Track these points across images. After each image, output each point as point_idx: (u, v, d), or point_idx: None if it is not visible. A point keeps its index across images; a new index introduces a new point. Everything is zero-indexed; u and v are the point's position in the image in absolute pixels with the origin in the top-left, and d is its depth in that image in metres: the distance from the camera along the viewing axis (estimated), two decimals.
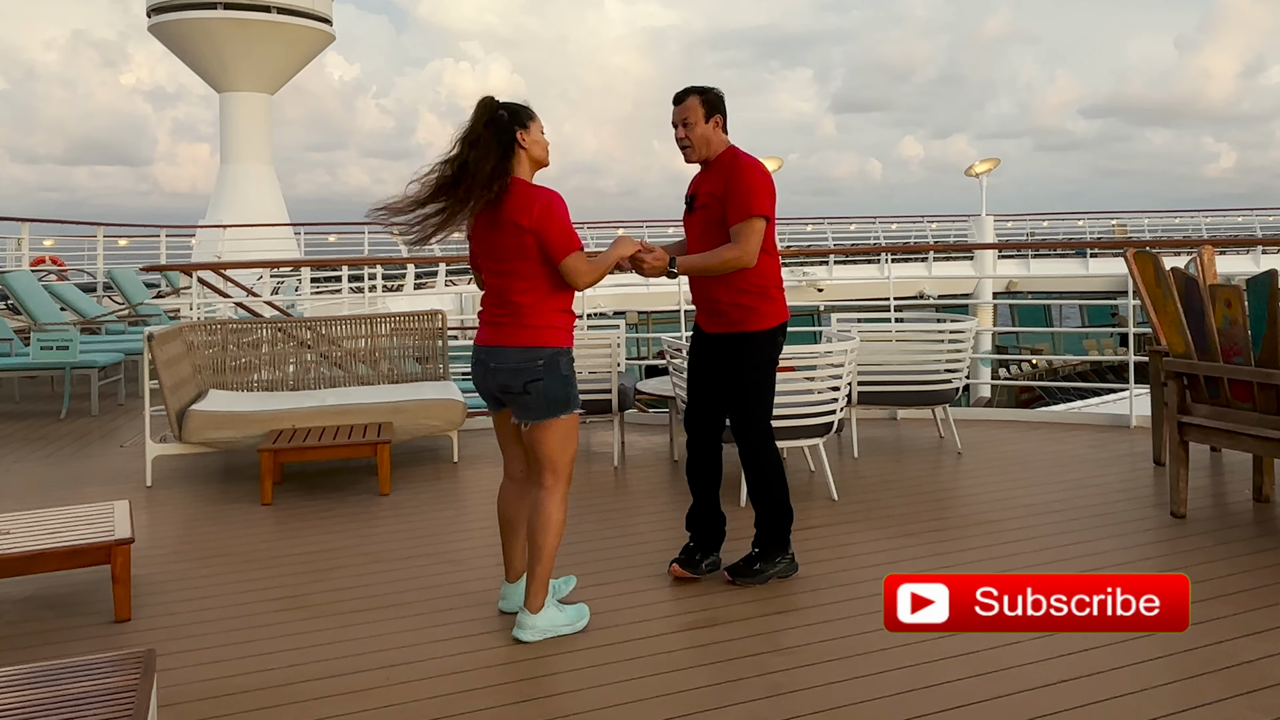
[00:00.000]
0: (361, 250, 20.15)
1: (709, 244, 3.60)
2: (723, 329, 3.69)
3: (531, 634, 3.20)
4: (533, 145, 3.21)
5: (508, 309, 3.19)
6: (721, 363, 3.72)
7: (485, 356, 3.23)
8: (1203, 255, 5.27)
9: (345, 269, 16.45)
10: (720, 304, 3.65)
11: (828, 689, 2.86)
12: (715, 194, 3.60)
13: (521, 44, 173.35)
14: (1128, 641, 3.12)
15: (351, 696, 2.87)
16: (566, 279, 3.16)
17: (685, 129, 3.61)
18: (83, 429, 7.28)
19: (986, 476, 5.34)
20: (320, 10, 20.62)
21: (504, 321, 3.20)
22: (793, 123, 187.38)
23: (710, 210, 3.62)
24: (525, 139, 3.19)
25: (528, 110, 3.24)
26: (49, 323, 9.35)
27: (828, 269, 21.97)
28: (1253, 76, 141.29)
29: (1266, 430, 4.14)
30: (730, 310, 3.64)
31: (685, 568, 3.76)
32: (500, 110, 3.18)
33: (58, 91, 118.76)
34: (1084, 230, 29.77)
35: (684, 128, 3.61)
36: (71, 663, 2.27)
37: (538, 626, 3.21)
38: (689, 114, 3.60)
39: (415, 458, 6.00)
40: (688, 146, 3.64)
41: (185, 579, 3.95)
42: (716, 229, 3.59)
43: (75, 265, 16.98)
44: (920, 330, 6.49)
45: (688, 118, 3.60)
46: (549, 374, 3.18)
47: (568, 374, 3.24)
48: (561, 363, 3.21)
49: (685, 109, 3.62)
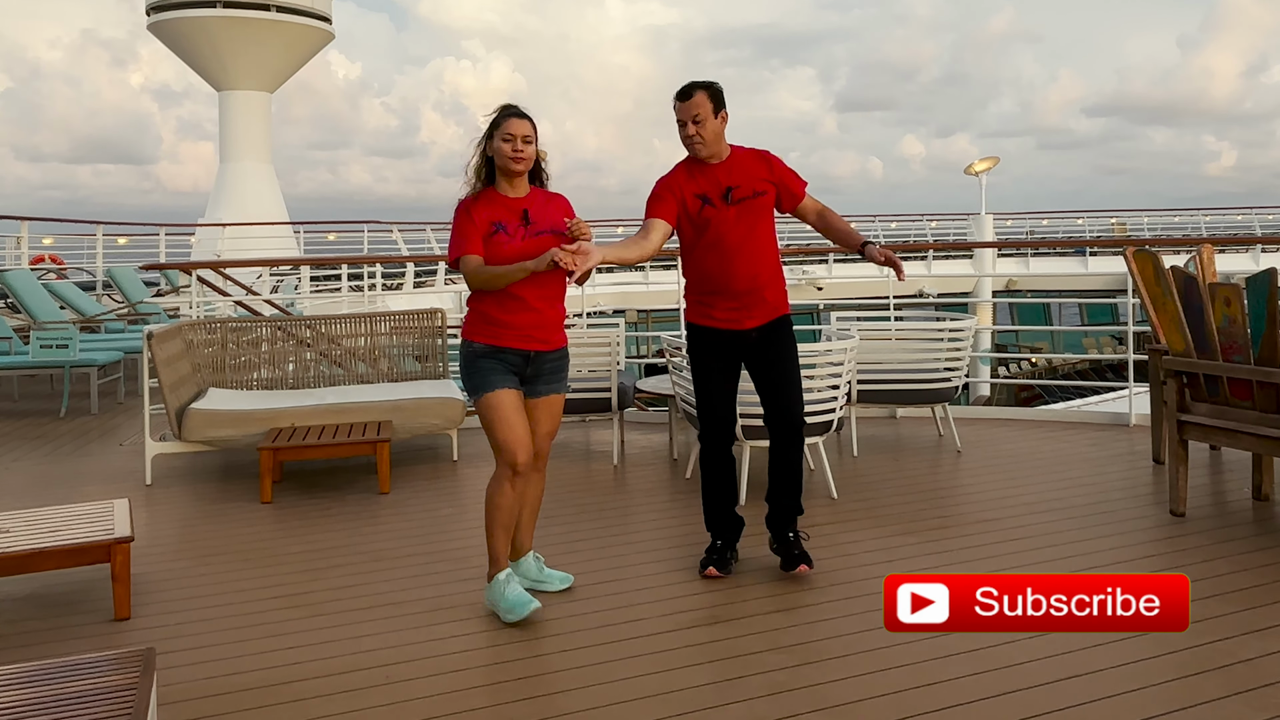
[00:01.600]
0: (361, 249, 20.13)
1: (763, 232, 3.66)
2: (767, 318, 3.70)
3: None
4: (495, 153, 3.42)
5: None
6: (761, 353, 3.72)
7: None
8: (1202, 254, 5.27)
9: (345, 267, 16.44)
10: (766, 294, 3.70)
11: (827, 688, 2.86)
12: (763, 179, 3.65)
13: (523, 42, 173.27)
14: (1127, 640, 3.13)
15: (351, 695, 2.88)
16: None
17: (696, 125, 3.56)
18: (82, 427, 7.28)
19: (986, 475, 5.34)
20: (319, 9, 20.60)
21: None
22: (793, 121, 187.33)
23: (764, 198, 3.64)
24: (489, 148, 3.43)
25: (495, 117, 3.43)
26: (48, 321, 9.35)
27: (827, 267, 21.96)
28: (1255, 76, 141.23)
29: (1266, 428, 4.14)
30: (775, 298, 3.73)
31: (721, 569, 3.80)
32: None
33: (64, 90, 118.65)
34: (1083, 229, 29.75)
35: (694, 124, 3.56)
36: (71, 661, 2.27)
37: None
38: (699, 110, 3.56)
39: (415, 456, 6.00)
40: (699, 142, 3.58)
41: (185, 577, 3.95)
42: (768, 216, 3.67)
43: (75, 264, 16.96)
44: (920, 329, 6.48)
45: (698, 114, 3.56)
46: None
47: (466, 366, 3.45)
48: (464, 354, 3.46)
49: (695, 105, 3.56)
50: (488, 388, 3.38)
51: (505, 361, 3.41)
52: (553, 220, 3.44)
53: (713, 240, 3.65)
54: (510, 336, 3.41)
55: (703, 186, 3.65)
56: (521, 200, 3.45)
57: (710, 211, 3.64)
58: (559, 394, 3.57)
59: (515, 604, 3.35)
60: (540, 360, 3.47)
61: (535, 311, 3.42)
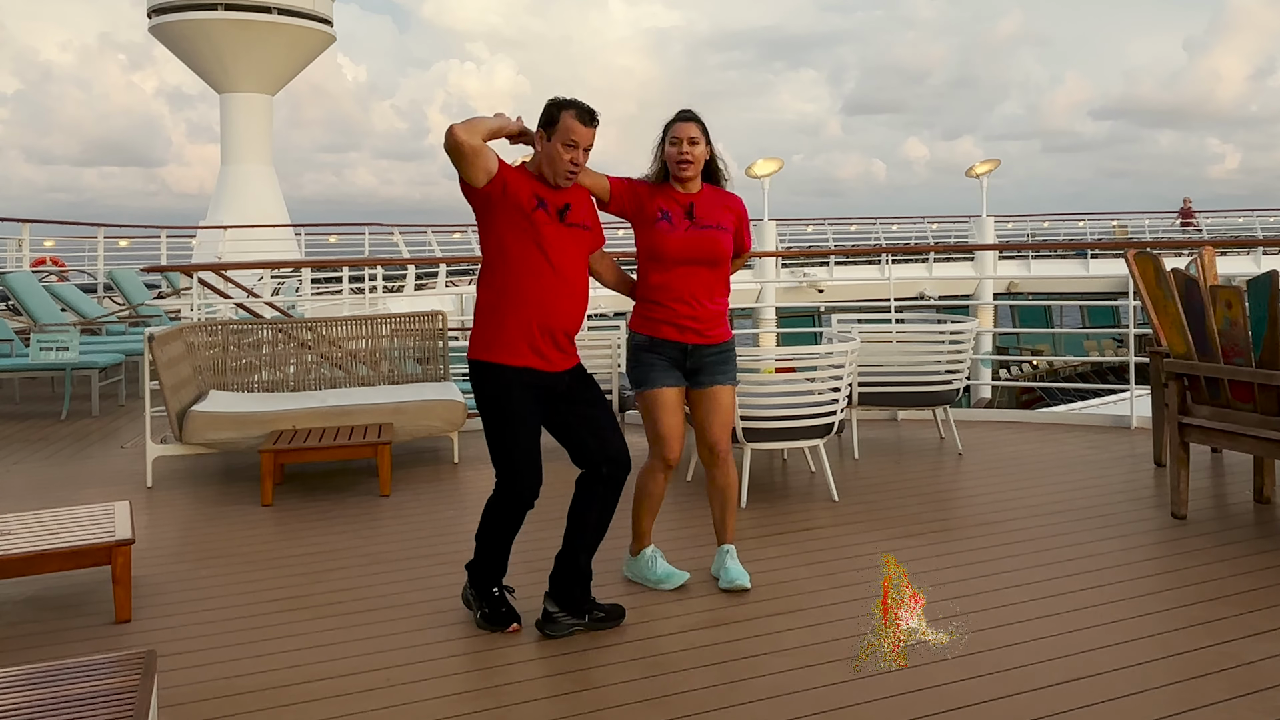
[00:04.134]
0: (362, 251, 20.14)
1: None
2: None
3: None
4: (666, 158, 3.57)
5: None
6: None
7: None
8: (1203, 256, 5.27)
9: (346, 270, 16.44)
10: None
11: (828, 690, 2.86)
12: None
13: (526, 45, 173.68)
14: (1128, 642, 3.13)
15: (352, 698, 2.88)
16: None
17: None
18: (83, 430, 7.28)
19: (987, 477, 5.34)
20: (320, 11, 20.62)
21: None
22: (796, 124, 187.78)
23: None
24: (663, 153, 3.58)
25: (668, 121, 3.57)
26: (49, 323, 9.34)
27: (828, 270, 21.96)
28: (1263, 79, 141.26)
29: (1267, 431, 4.14)
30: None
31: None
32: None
33: (75, 93, 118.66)
34: (1085, 231, 29.73)
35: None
36: (72, 664, 2.27)
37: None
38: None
39: (416, 459, 6.00)
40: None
41: (186, 580, 3.95)
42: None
43: (76, 266, 16.96)
44: (921, 331, 6.48)
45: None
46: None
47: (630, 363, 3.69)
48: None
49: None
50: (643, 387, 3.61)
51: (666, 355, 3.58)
52: (718, 217, 3.58)
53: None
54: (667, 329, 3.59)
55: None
56: (691, 195, 3.59)
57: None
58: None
59: (665, 576, 3.67)
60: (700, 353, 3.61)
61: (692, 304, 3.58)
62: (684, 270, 3.56)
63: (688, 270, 3.56)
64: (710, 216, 3.58)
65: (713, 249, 3.57)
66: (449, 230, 22.15)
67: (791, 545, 4.17)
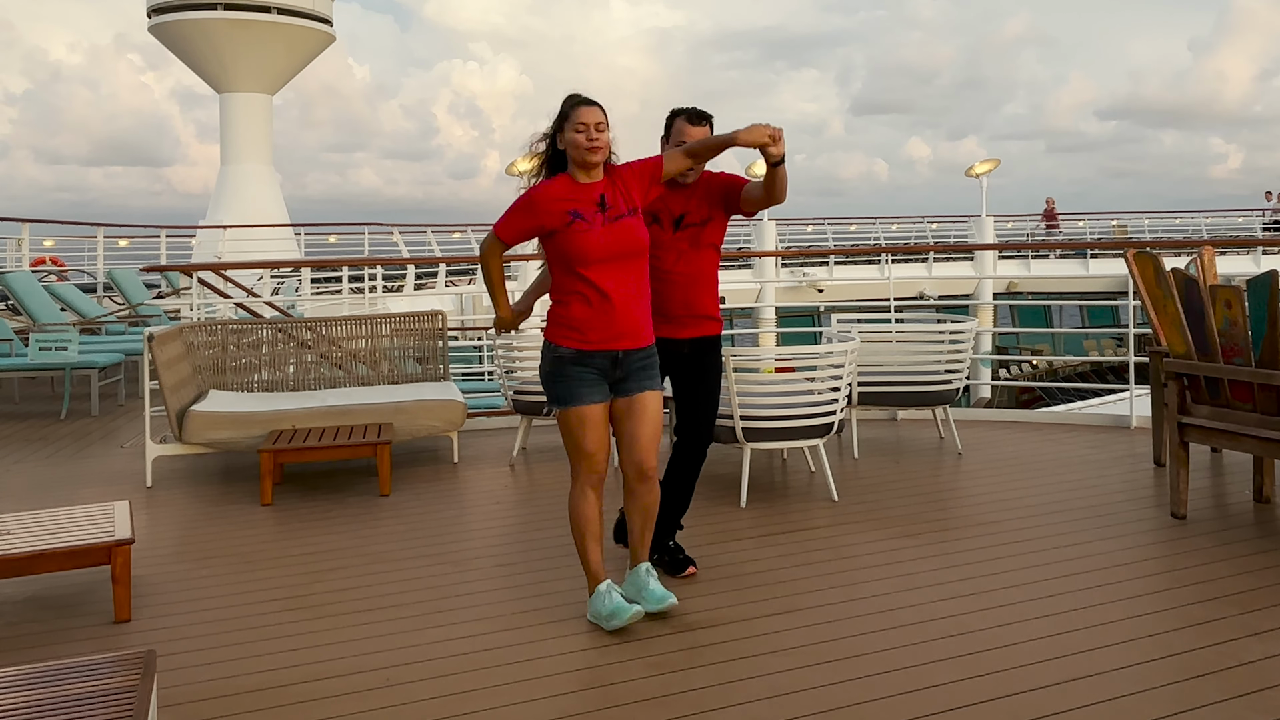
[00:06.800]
0: (362, 250, 20.14)
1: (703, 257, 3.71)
2: (703, 333, 3.74)
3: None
4: (568, 146, 3.32)
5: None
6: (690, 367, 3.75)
7: None
8: (1203, 256, 5.27)
9: (345, 269, 16.45)
10: (707, 309, 3.75)
11: (828, 690, 2.86)
12: (706, 211, 3.69)
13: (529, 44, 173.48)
14: (1128, 642, 3.13)
15: (352, 697, 2.87)
16: None
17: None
18: (83, 430, 7.28)
19: (987, 477, 5.34)
20: (320, 11, 20.62)
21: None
22: (798, 124, 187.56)
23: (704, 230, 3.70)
24: (561, 141, 3.35)
25: (562, 109, 3.35)
26: (49, 323, 9.35)
27: (828, 269, 21.97)
28: (1268, 79, 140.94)
29: (1267, 431, 4.14)
30: (711, 317, 3.77)
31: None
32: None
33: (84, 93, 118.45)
34: (1084, 231, 29.74)
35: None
36: (72, 663, 2.27)
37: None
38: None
39: (415, 458, 6.00)
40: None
41: (185, 580, 3.95)
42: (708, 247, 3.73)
43: (75, 266, 16.96)
44: (920, 331, 6.48)
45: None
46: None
47: (546, 369, 3.37)
48: (544, 358, 3.38)
49: (706, 132, 3.61)
50: (559, 404, 3.33)
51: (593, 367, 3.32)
52: (629, 200, 3.33)
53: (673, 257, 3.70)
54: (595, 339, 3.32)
55: (664, 207, 3.65)
56: (597, 186, 3.31)
57: (664, 232, 3.67)
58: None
59: (615, 610, 3.27)
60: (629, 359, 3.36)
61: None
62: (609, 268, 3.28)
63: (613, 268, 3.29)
64: (621, 203, 3.32)
65: (633, 241, 3.32)
66: (449, 230, 22.16)
67: (791, 545, 4.17)
